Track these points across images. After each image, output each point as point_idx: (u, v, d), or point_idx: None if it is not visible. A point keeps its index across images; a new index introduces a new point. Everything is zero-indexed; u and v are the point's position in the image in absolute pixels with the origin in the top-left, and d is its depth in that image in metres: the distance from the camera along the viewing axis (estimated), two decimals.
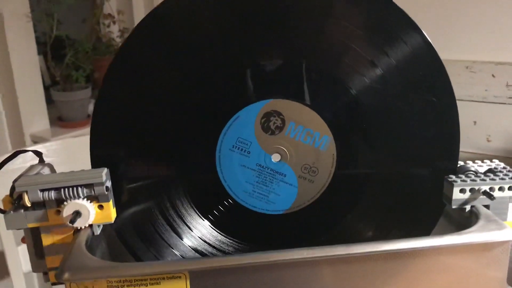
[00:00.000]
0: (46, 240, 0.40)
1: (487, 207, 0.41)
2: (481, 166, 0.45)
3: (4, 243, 0.91)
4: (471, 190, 0.41)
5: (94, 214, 0.39)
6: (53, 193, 0.38)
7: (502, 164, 0.45)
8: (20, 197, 0.38)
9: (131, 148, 0.43)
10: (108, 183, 0.39)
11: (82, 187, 0.38)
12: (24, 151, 0.46)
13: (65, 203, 0.38)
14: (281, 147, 0.42)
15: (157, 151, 0.43)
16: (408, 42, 0.41)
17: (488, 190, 0.41)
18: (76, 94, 1.43)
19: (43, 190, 0.38)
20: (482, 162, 0.45)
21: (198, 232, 0.44)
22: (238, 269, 0.34)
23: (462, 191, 0.41)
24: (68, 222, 0.37)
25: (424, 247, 0.36)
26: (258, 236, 0.45)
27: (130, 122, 0.42)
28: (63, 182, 0.38)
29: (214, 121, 0.42)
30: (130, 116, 0.42)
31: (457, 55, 1.44)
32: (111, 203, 0.39)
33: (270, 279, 0.35)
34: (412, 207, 0.44)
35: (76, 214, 0.37)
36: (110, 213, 0.39)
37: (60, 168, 0.44)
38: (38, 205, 0.38)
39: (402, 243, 0.36)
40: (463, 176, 0.42)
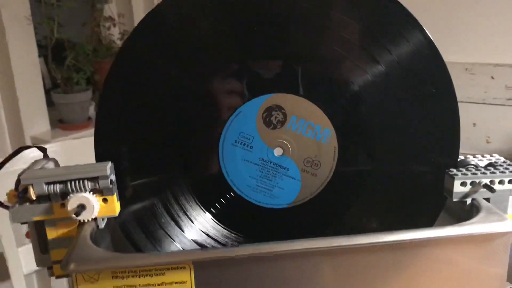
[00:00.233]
0: (51, 234, 0.40)
1: (488, 200, 0.41)
2: (482, 161, 0.45)
3: (5, 245, 0.91)
4: (472, 183, 0.41)
5: (99, 208, 0.39)
6: (58, 186, 0.38)
7: (502, 159, 0.45)
8: (26, 190, 0.38)
9: (135, 145, 0.43)
10: (113, 177, 0.40)
11: (87, 180, 0.38)
12: (28, 147, 0.47)
13: (70, 196, 0.38)
14: (283, 141, 0.43)
15: (161, 148, 0.44)
16: (410, 40, 0.41)
17: (489, 183, 0.41)
18: (77, 96, 1.44)
19: (48, 183, 0.38)
20: (483, 157, 0.46)
21: (202, 227, 0.44)
22: (242, 260, 0.35)
23: (463, 184, 0.41)
24: (73, 215, 0.38)
25: (425, 238, 0.36)
26: (262, 230, 0.45)
27: (134, 120, 0.43)
28: (68, 175, 0.38)
29: (217, 117, 0.43)
30: (133, 114, 0.43)
31: (457, 57, 1.45)
32: (115, 197, 0.40)
33: (273, 270, 0.36)
34: (413, 201, 0.44)
35: (81, 207, 0.38)
36: (114, 207, 0.39)
37: None
38: (43, 199, 0.39)
39: (403, 234, 0.36)
40: (464, 170, 0.42)
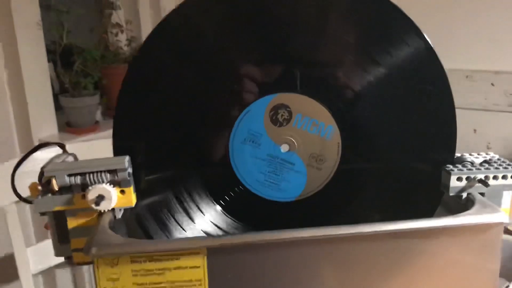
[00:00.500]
0: (71, 223, 0.42)
1: (483, 195, 0.44)
2: (477, 158, 0.47)
3: (14, 245, 0.93)
4: (468, 179, 0.44)
5: (117, 199, 0.41)
6: (79, 178, 0.41)
7: (497, 156, 0.47)
8: (49, 182, 0.41)
9: (151, 141, 0.46)
10: (130, 170, 0.42)
11: (106, 173, 0.41)
12: (47, 144, 0.50)
13: (90, 188, 0.41)
14: (289, 138, 0.45)
15: (175, 145, 0.46)
16: (410, 44, 0.44)
17: (483, 178, 0.43)
18: (84, 101, 1.46)
19: (70, 175, 0.41)
20: (478, 155, 0.48)
21: (213, 219, 0.47)
22: (253, 246, 0.37)
23: (459, 179, 0.44)
24: (93, 205, 0.40)
25: (423, 228, 0.38)
26: (271, 223, 0.47)
27: (150, 118, 0.46)
28: (89, 168, 0.41)
29: (227, 116, 0.46)
30: (150, 113, 0.46)
31: (457, 65, 1.47)
32: (132, 189, 0.42)
33: (283, 257, 0.38)
34: (413, 195, 0.47)
35: (100, 198, 0.40)
36: (131, 198, 0.42)
37: None
38: (65, 190, 0.41)
39: (402, 224, 0.38)
40: (460, 166, 0.45)
